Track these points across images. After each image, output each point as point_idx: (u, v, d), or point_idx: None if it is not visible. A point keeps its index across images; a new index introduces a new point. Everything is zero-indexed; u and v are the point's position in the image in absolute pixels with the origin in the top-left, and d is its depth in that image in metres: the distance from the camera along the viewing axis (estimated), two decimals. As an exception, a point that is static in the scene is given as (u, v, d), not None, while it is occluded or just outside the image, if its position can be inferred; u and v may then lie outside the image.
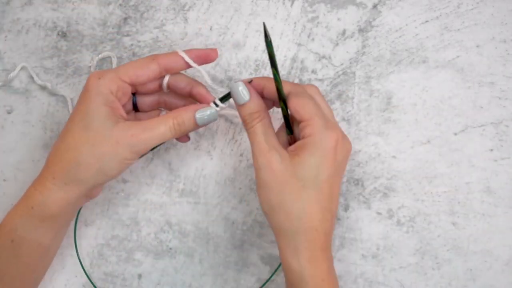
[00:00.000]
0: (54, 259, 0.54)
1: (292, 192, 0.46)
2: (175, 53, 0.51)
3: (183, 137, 0.55)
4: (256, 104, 0.48)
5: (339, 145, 0.46)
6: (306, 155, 0.46)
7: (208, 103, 0.51)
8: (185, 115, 0.49)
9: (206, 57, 0.51)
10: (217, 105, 0.50)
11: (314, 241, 0.46)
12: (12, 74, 0.59)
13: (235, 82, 0.49)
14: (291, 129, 0.50)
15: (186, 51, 0.51)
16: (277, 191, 0.46)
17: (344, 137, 0.48)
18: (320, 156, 0.46)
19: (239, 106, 0.49)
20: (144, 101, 0.54)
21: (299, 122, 0.47)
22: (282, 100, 0.48)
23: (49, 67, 0.60)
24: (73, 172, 0.48)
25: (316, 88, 0.50)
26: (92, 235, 0.58)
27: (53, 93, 0.60)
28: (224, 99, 0.50)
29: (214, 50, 0.51)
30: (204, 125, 0.50)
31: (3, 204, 0.58)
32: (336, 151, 0.46)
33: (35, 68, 0.60)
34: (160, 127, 0.48)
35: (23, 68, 0.60)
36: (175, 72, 0.52)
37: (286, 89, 0.48)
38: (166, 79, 0.52)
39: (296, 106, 0.47)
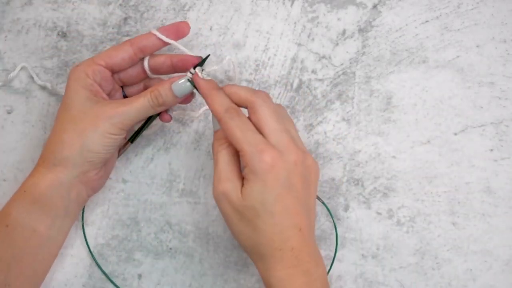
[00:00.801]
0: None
1: (248, 223, 0.46)
2: (148, 33, 0.52)
3: (165, 115, 0.55)
4: (222, 132, 0.49)
5: (276, 164, 0.45)
6: (248, 185, 0.46)
7: (191, 65, 0.52)
8: (161, 87, 0.51)
9: (177, 31, 0.53)
10: (192, 74, 0.51)
11: (282, 261, 0.46)
12: (12, 74, 0.59)
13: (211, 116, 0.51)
14: None
15: (158, 29, 0.52)
16: (236, 222, 0.47)
17: (282, 152, 0.46)
18: (260, 182, 0.45)
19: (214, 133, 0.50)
20: (132, 92, 0.56)
21: None
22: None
23: (49, 67, 0.60)
24: (59, 151, 0.50)
25: (262, 97, 0.48)
26: (92, 235, 0.58)
27: (53, 93, 0.60)
28: (196, 66, 0.51)
29: (184, 22, 0.53)
30: (183, 96, 0.51)
31: (3, 204, 0.58)
32: (275, 171, 0.45)
33: (35, 68, 0.60)
34: (138, 99, 0.50)
35: (23, 68, 0.60)
36: (151, 52, 0.53)
37: (219, 111, 0.47)
38: (146, 61, 0.54)
39: (226, 134, 0.47)
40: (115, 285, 0.57)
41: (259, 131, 0.47)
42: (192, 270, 0.57)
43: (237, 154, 0.48)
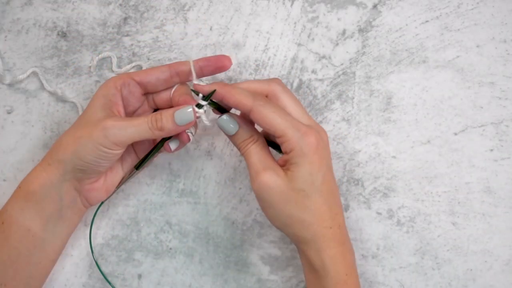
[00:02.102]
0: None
1: (297, 204, 0.48)
2: (186, 61, 0.52)
3: (183, 135, 0.52)
4: (245, 131, 0.50)
5: (319, 144, 0.48)
6: (296, 168, 0.47)
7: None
8: (164, 112, 0.50)
9: (216, 63, 0.52)
10: (200, 106, 0.51)
11: (333, 239, 0.48)
12: (21, 76, 0.59)
13: (220, 117, 0.50)
14: (274, 146, 0.51)
15: (196, 60, 0.52)
16: (282, 207, 0.48)
17: (318, 131, 0.48)
18: (308, 164, 0.47)
19: (231, 137, 0.51)
20: None
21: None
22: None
23: (49, 67, 0.60)
24: (55, 152, 0.50)
25: (278, 83, 0.50)
26: (92, 235, 0.58)
27: (62, 99, 0.60)
28: (198, 106, 0.51)
29: (226, 57, 0.52)
30: (184, 125, 0.50)
31: (3, 204, 0.58)
32: (318, 151, 0.47)
33: (35, 68, 0.60)
34: (138, 119, 0.50)
35: (33, 72, 0.60)
36: (186, 79, 0.53)
37: (247, 103, 0.48)
38: (173, 88, 0.53)
39: (263, 123, 0.48)
40: None
41: None
42: (192, 270, 0.57)
43: (266, 146, 0.50)
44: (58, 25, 0.61)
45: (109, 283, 0.57)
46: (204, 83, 0.50)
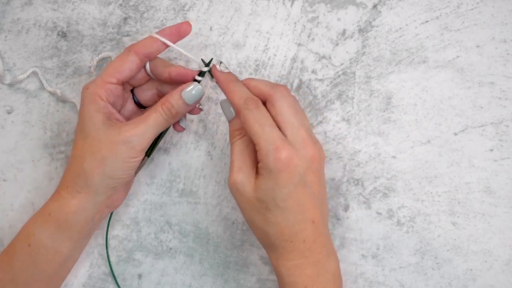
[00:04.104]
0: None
1: (260, 214, 0.47)
2: (149, 37, 0.51)
3: (177, 126, 0.54)
4: (237, 121, 0.49)
5: (291, 161, 0.45)
6: (261, 179, 0.46)
7: (190, 79, 0.51)
8: (171, 98, 0.50)
9: (178, 31, 0.52)
10: (198, 81, 0.51)
11: (292, 251, 0.47)
12: (21, 76, 0.59)
13: (223, 100, 0.50)
14: None
15: (159, 32, 0.51)
16: (247, 212, 0.48)
17: (298, 149, 0.46)
18: (273, 179, 0.46)
19: (228, 123, 0.50)
20: (144, 96, 0.55)
21: None
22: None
23: (49, 67, 0.60)
24: (82, 180, 0.49)
25: (280, 90, 0.48)
26: (92, 235, 0.58)
27: (62, 100, 0.60)
28: (202, 73, 0.51)
29: (186, 22, 0.52)
30: (195, 102, 0.51)
31: (3, 204, 0.58)
32: (290, 169, 0.45)
33: (35, 68, 0.60)
34: (151, 116, 0.49)
35: (33, 72, 0.60)
36: (156, 56, 0.52)
37: (238, 103, 0.48)
38: (148, 65, 0.53)
39: (244, 127, 0.47)
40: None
41: (277, 124, 0.47)
42: (192, 270, 0.57)
43: (252, 143, 0.48)
44: (58, 25, 0.61)
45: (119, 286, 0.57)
46: (220, 68, 0.50)
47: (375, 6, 0.60)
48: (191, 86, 0.50)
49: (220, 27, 0.61)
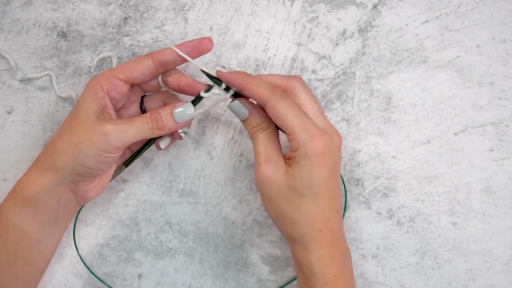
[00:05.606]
0: (53, 259, 0.54)
1: (291, 202, 0.47)
2: (168, 48, 0.51)
3: (175, 134, 0.54)
4: (256, 117, 0.50)
5: (327, 148, 0.47)
6: (297, 167, 0.47)
7: (197, 92, 0.51)
8: (162, 111, 0.50)
9: (199, 47, 0.52)
10: (207, 91, 0.51)
11: (322, 241, 0.48)
12: (33, 75, 0.59)
13: (232, 102, 0.50)
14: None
15: (179, 45, 0.51)
16: (277, 202, 0.48)
17: (330, 135, 0.48)
18: (310, 166, 0.47)
19: (243, 122, 0.51)
20: (151, 105, 0.55)
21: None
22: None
23: (49, 67, 0.60)
24: (51, 158, 0.50)
25: (299, 80, 0.50)
26: (92, 235, 0.58)
27: (60, 97, 0.60)
28: (196, 100, 0.51)
29: (208, 38, 0.52)
30: (184, 123, 0.51)
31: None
32: (325, 156, 0.47)
33: (35, 68, 0.60)
34: (138, 119, 0.50)
35: (47, 75, 0.60)
36: (172, 67, 0.52)
37: (265, 95, 0.48)
38: (160, 76, 0.53)
39: (275, 118, 0.48)
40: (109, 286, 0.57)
41: None
42: (192, 270, 0.57)
43: (275, 135, 0.49)
44: (58, 25, 0.61)
45: (103, 281, 0.57)
46: (226, 71, 0.50)
47: (375, 6, 0.60)
48: (185, 106, 0.50)
49: (220, 27, 0.61)
